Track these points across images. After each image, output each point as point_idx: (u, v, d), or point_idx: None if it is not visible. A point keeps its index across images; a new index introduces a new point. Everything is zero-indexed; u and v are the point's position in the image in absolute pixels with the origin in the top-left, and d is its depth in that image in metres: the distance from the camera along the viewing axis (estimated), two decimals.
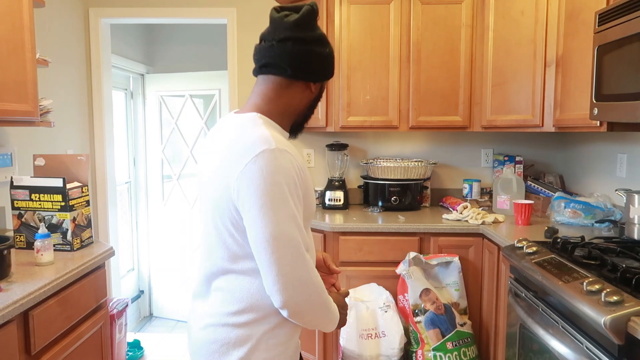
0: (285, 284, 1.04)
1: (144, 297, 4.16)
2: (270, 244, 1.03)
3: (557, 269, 1.68)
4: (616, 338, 1.30)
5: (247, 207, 1.04)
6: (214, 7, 3.19)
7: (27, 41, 2.00)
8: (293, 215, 1.05)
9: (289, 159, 1.07)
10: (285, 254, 1.03)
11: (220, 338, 1.13)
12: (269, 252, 1.03)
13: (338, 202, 3.06)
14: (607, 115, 1.83)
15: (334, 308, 1.18)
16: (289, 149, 1.09)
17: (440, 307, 2.46)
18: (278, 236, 1.03)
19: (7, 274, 1.65)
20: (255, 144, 1.05)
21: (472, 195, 3.08)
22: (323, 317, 1.15)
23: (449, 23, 2.79)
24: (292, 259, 1.04)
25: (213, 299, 1.16)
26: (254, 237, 1.05)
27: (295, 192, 1.07)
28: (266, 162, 1.03)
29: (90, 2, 3.16)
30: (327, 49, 1.20)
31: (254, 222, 1.04)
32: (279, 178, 1.03)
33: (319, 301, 1.11)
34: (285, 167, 1.05)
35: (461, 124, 2.85)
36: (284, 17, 1.15)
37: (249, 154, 1.04)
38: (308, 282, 1.07)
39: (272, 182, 1.03)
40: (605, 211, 2.43)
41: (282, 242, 1.03)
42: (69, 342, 1.75)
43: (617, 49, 1.75)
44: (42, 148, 2.65)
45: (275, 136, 1.09)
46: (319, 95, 1.25)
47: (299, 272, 1.05)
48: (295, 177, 1.07)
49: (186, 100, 3.89)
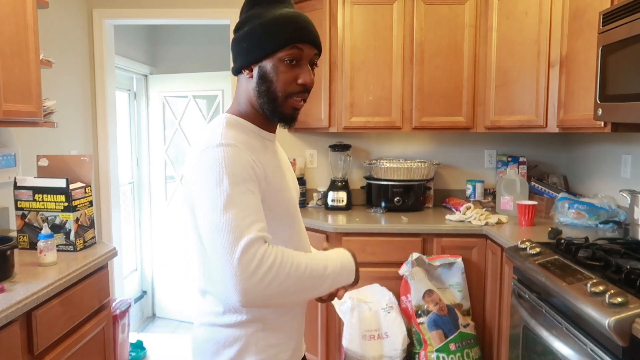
0: (230, 282, 0.94)
1: (147, 297, 4.16)
2: (211, 234, 0.96)
3: (560, 270, 1.67)
4: (620, 340, 1.29)
5: (195, 201, 1.02)
6: (216, 8, 3.20)
7: (31, 42, 2.01)
8: (234, 205, 0.96)
9: (235, 151, 1.00)
10: (223, 243, 0.94)
11: (211, 337, 1.13)
12: (210, 243, 0.97)
13: (341, 203, 3.05)
14: (612, 115, 1.82)
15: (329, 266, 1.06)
16: (239, 143, 1.02)
17: (443, 308, 2.45)
18: (214, 229, 0.96)
19: (11, 274, 1.65)
20: (201, 143, 1.04)
21: (476, 196, 3.07)
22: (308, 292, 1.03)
23: (452, 23, 2.79)
24: (232, 255, 0.93)
25: (206, 298, 1.16)
26: (201, 229, 1.00)
27: (243, 181, 0.99)
28: (206, 158, 1.00)
29: (94, 3, 3.17)
30: (258, 21, 1.07)
31: (199, 214, 1.00)
32: (219, 169, 0.98)
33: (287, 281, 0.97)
34: (230, 159, 0.99)
35: (464, 124, 2.84)
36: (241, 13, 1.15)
37: (195, 154, 1.04)
38: (256, 275, 0.94)
39: (212, 174, 0.98)
40: (610, 212, 2.42)
41: (218, 233, 0.95)
42: (71, 343, 1.76)
43: (622, 49, 1.74)
44: (45, 149, 2.65)
45: (230, 134, 1.04)
46: (264, 77, 1.08)
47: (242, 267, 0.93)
48: (243, 168, 1.00)
49: (189, 100, 3.90)
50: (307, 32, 1.09)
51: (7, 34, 1.86)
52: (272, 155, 1.15)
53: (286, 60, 1.07)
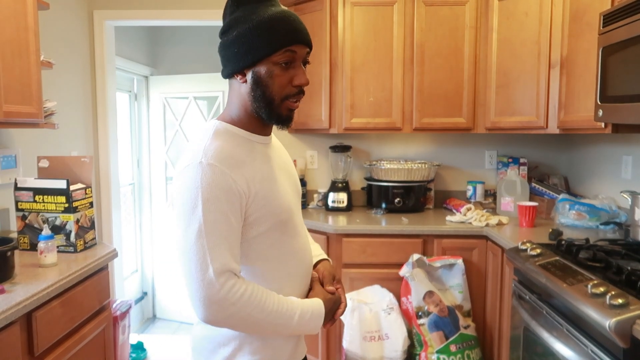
0: (194, 301, 1.01)
1: (148, 298, 4.16)
2: (180, 256, 1.03)
3: (561, 272, 1.67)
4: (621, 341, 1.29)
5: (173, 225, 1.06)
6: (217, 9, 3.20)
7: (32, 43, 2.01)
8: (208, 231, 0.99)
9: (215, 173, 1.00)
10: (189, 270, 1.01)
11: (209, 336, 1.14)
12: (181, 265, 1.03)
13: (341, 204, 3.05)
14: (612, 116, 1.82)
15: (295, 318, 1.08)
16: (222, 162, 1.02)
17: (444, 310, 2.45)
18: (185, 251, 1.01)
19: (11, 275, 1.65)
20: (187, 157, 1.05)
21: (476, 197, 3.07)
22: (268, 331, 1.08)
23: (452, 24, 2.79)
24: (198, 278, 0.99)
25: None
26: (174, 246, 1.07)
27: (219, 208, 1.00)
28: (187, 176, 1.02)
29: (94, 4, 3.17)
30: (247, 24, 1.04)
31: (174, 231, 1.06)
32: (196, 193, 1.00)
33: (249, 319, 1.03)
34: (208, 182, 1.00)
35: (465, 125, 2.84)
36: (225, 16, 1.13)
37: (179, 167, 1.06)
38: (222, 303, 1.00)
39: (188, 197, 1.01)
40: (610, 213, 2.41)
41: (187, 258, 1.01)
42: (72, 344, 1.76)
43: (622, 50, 1.74)
44: (46, 150, 2.65)
45: (215, 148, 1.04)
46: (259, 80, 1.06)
47: (206, 291, 0.99)
48: (221, 192, 1.00)
49: (190, 102, 3.90)
50: (300, 33, 1.07)
51: (7, 35, 1.86)
52: (263, 161, 1.12)
53: (281, 63, 1.05)
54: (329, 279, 1.25)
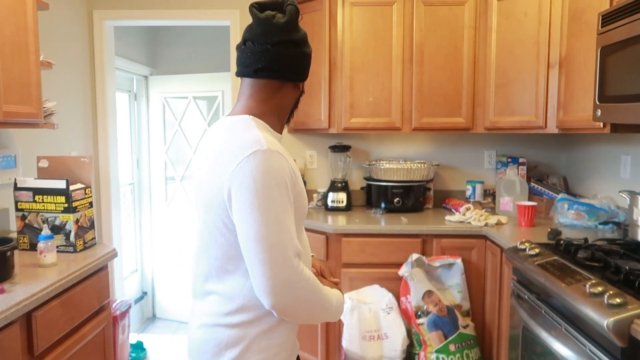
0: (272, 286, 1.03)
1: (147, 298, 4.17)
2: (257, 245, 1.03)
3: (560, 271, 1.67)
4: (619, 340, 1.29)
5: (238, 208, 1.05)
6: (217, 9, 3.20)
7: (31, 43, 2.01)
8: (281, 217, 1.05)
9: (280, 160, 1.07)
10: (271, 256, 1.03)
11: (213, 338, 1.13)
12: (255, 253, 1.03)
13: (341, 204, 3.06)
14: (611, 116, 1.82)
15: (334, 302, 1.17)
16: (280, 150, 1.10)
17: (443, 309, 2.45)
18: (264, 238, 1.03)
19: (11, 275, 1.65)
20: (247, 144, 1.06)
21: (475, 197, 3.08)
22: (319, 314, 1.14)
23: (451, 24, 2.79)
24: (278, 262, 1.03)
25: (208, 299, 1.17)
26: (242, 237, 1.06)
27: (286, 194, 1.07)
28: (257, 163, 1.04)
29: (94, 4, 3.18)
30: (309, 48, 1.23)
31: (243, 222, 1.05)
32: (269, 179, 1.04)
33: (311, 301, 1.10)
34: (276, 169, 1.06)
35: (464, 125, 2.84)
36: (272, 18, 1.14)
37: (241, 154, 1.05)
38: (296, 286, 1.05)
39: (263, 183, 1.03)
40: (609, 213, 2.42)
41: (268, 245, 1.03)
42: (71, 344, 1.76)
43: (621, 50, 1.74)
44: (45, 150, 2.66)
45: (268, 138, 1.10)
46: (303, 92, 1.28)
47: (286, 274, 1.04)
48: (286, 179, 1.07)
49: (189, 101, 3.90)
50: None
51: (7, 35, 1.86)
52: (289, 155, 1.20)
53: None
54: (328, 273, 1.32)
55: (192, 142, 3.94)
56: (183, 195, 3.97)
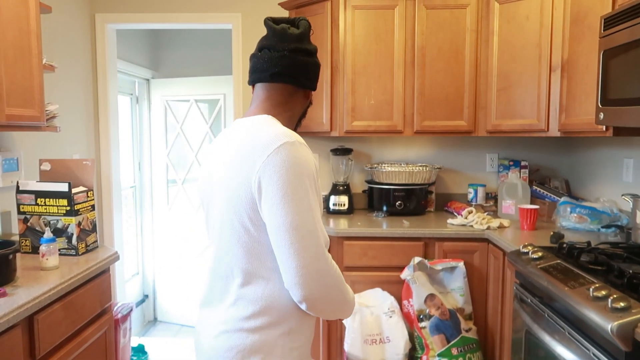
0: (305, 276, 1.04)
1: (149, 301, 4.16)
2: (291, 234, 1.04)
3: (563, 275, 1.67)
4: (623, 345, 1.28)
5: (269, 197, 1.05)
6: (219, 13, 3.21)
7: (34, 47, 2.02)
8: (312, 207, 1.07)
9: (308, 153, 1.12)
10: (305, 245, 1.04)
11: (235, 345, 1.11)
12: (288, 242, 1.04)
13: (342, 207, 3.05)
14: (613, 120, 1.82)
15: (351, 296, 1.19)
16: (305, 144, 1.13)
17: (445, 313, 2.44)
18: (298, 227, 1.04)
19: (13, 278, 1.65)
20: (277, 137, 1.09)
21: (477, 200, 3.07)
22: (340, 307, 1.16)
23: (453, 27, 2.79)
24: (312, 251, 1.05)
25: (226, 304, 1.15)
26: (274, 227, 1.05)
27: (315, 185, 1.10)
28: (288, 153, 1.06)
29: (96, 8, 3.19)
30: (319, 61, 1.29)
31: (275, 212, 1.05)
32: (300, 169, 1.06)
33: (338, 293, 1.11)
34: (306, 160, 1.09)
35: (466, 128, 2.84)
36: (287, 29, 1.21)
37: (271, 146, 1.07)
38: (327, 275, 1.07)
39: (294, 173, 1.05)
40: (612, 216, 2.41)
41: (302, 233, 1.04)
42: (73, 347, 1.76)
43: (623, 54, 1.74)
44: (48, 153, 2.66)
45: (293, 132, 1.14)
46: (311, 102, 1.34)
47: (319, 264, 1.05)
48: (313, 171, 1.11)
49: (191, 105, 3.91)
50: None
51: (10, 38, 1.87)
52: None
53: None
54: None
55: (193, 145, 3.94)
56: (184, 198, 3.97)
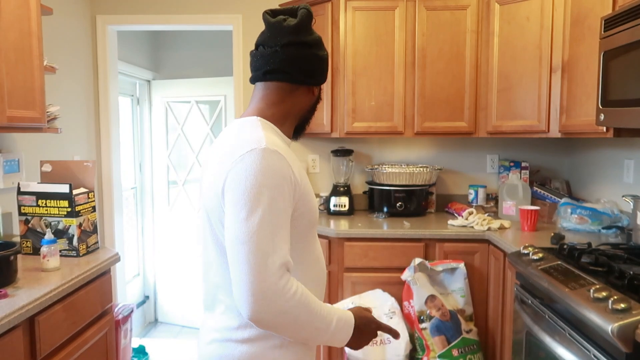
0: (248, 295, 0.95)
1: (149, 302, 4.16)
2: (237, 248, 0.97)
3: (563, 276, 1.67)
4: (624, 346, 1.28)
5: (227, 207, 1.01)
6: (219, 14, 3.21)
7: (35, 48, 2.02)
8: (270, 222, 0.98)
9: (279, 159, 1.02)
10: (251, 262, 0.95)
11: (224, 354, 1.09)
12: (233, 255, 0.98)
13: (343, 208, 3.05)
14: (614, 121, 1.82)
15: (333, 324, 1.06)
16: (281, 150, 1.05)
17: (446, 314, 2.44)
18: (246, 242, 0.96)
19: (14, 279, 1.65)
20: (246, 143, 1.04)
21: (478, 201, 3.07)
22: (309, 334, 1.04)
23: (454, 29, 2.79)
24: (258, 270, 0.95)
25: (218, 312, 1.13)
26: (226, 237, 1.00)
27: (282, 197, 1.01)
28: (251, 161, 1.00)
29: (97, 9, 3.19)
30: (324, 52, 1.21)
31: (228, 222, 1.00)
32: (262, 179, 0.99)
33: (297, 319, 0.99)
34: (273, 168, 1.01)
35: (466, 129, 2.84)
36: (282, 22, 1.14)
37: (238, 152, 1.03)
38: (277, 298, 0.96)
39: (254, 183, 0.98)
40: (612, 217, 2.41)
41: (249, 249, 0.96)
42: (74, 348, 1.76)
43: (624, 55, 1.74)
44: (49, 154, 2.66)
45: (269, 137, 1.06)
46: (319, 98, 1.26)
47: (265, 284, 0.95)
48: (283, 181, 1.01)
49: (192, 106, 3.91)
50: None
51: (11, 40, 1.87)
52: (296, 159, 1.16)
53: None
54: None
55: (194, 147, 3.94)
56: (185, 199, 3.97)
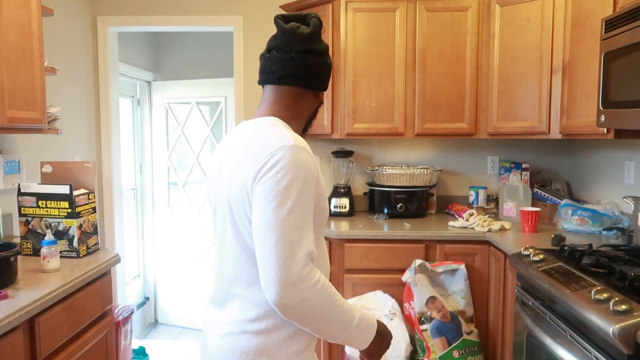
0: (275, 280, 1.00)
1: (150, 303, 4.16)
2: (268, 234, 1.02)
3: (564, 277, 1.66)
4: (625, 348, 1.28)
5: (257, 199, 1.05)
6: (220, 15, 3.21)
7: (36, 49, 2.02)
8: (299, 213, 1.04)
9: (307, 156, 1.09)
10: (280, 248, 1.01)
11: (239, 347, 1.11)
12: (265, 242, 1.02)
13: (343, 209, 3.05)
14: (615, 122, 1.82)
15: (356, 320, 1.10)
16: (307, 147, 1.11)
17: (447, 315, 2.44)
18: (276, 228, 1.01)
19: (14, 280, 1.65)
20: (275, 140, 1.08)
21: (479, 203, 3.07)
22: (331, 327, 1.07)
23: (454, 30, 2.79)
24: (287, 256, 1.00)
25: (232, 306, 1.15)
26: (255, 226, 1.05)
27: (308, 192, 1.06)
28: (282, 157, 1.05)
29: (98, 10, 3.19)
30: (330, 59, 1.27)
31: (257, 211, 1.04)
32: (293, 174, 1.04)
33: (320, 308, 1.03)
34: (302, 164, 1.06)
35: (467, 130, 2.84)
36: (296, 29, 1.19)
37: (268, 149, 1.07)
38: (302, 285, 1.00)
39: (285, 177, 1.03)
40: (613, 219, 2.41)
41: (278, 236, 1.01)
42: (74, 349, 1.76)
43: (624, 56, 1.74)
44: (49, 155, 2.66)
45: (294, 135, 1.12)
46: (322, 102, 1.32)
47: (293, 270, 1.00)
48: (311, 176, 1.07)
49: (192, 107, 3.91)
50: None
51: (12, 41, 1.87)
52: None
53: None
54: None
55: (194, 148, 3.94)
56: (186, 200, 3.97)
